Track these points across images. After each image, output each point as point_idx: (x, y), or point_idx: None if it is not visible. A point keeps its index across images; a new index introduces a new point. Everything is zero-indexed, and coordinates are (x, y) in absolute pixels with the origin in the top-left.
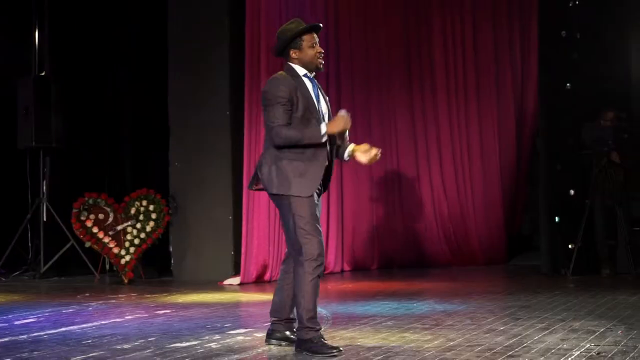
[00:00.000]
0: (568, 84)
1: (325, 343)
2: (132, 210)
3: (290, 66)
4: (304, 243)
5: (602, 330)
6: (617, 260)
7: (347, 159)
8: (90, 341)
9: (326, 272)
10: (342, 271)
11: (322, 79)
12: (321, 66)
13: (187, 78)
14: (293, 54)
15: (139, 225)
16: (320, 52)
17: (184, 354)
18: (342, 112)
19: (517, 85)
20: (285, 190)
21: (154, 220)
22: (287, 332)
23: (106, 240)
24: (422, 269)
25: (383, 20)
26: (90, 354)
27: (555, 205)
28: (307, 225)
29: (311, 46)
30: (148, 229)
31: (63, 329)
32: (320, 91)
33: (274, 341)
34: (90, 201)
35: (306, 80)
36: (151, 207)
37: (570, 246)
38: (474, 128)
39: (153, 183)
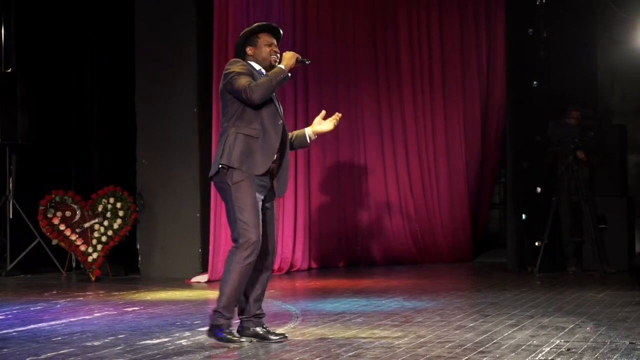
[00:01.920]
0: (535, 82)
1: (233, 332)
2: (99, 208)
3: (247, 62)
4: (241, 231)
5: (571, 326)
6: (583, 257)
7: (310, 139)
8: (59, 338)
9: (293, 269)
10: (310, 269)
11: (290, 79)
12: (275, 63)
13: (155, 75)
14: (249, 50)
15: (106, 223)
16: (275, 51)
17: (155, 350)
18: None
19: (483, 83)
20: (230, 162)
21: (121, 217)
22: (257, 329)
23: (73, 237)
24: (388, 266)
25: (351, 17)
26: (61, 351)
27: (521, 203)
28: (245, 213)
29: (267, 44)
30: (115, 226)
31: (32, 326)
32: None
33: (244, 338)
34: (57, 198)
35: (261, 77)
36: (118, 205)
37: (536, 243)
38: (440, 126)
39: (120, 180)
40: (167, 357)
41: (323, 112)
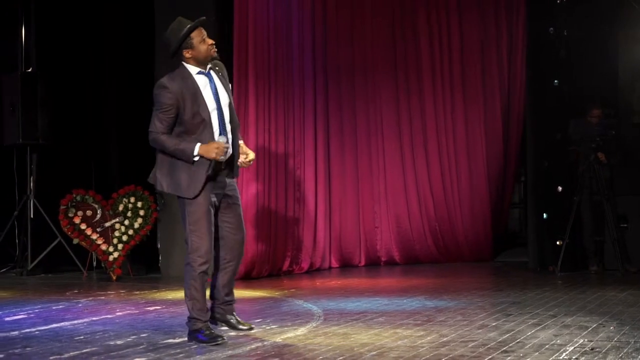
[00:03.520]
0: (555, 81)
1: (213, 332)
2: (120, 207)
3: (184, 66)
4: (192, 240)
5: (594, 326)
6: (604, 256)
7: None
8: (82, 337)
9: (314, 268)
10: (330, 268)
11: (309, 75)
12: (216, 54)
13: None
14: (187, 53)
15: (126, 222)
16: (212, 44)
17: (178, 349)
18: (222, 139)
19: (504, 82)
20: (176, 191)
21: (141, 217)
22: (228, 316)
23: (94, 237)
24: (408, 265)
25: (370, 16)
26: (84, 350)
27: (542, 202)
28: (197, 223)
29: (202, 41)
30: (136, 225)
31: (54, 325)
32: (222, 81)
33: (222, 330)
34: (78, 198)
35: (199, 78)
36: (139, 204)
37: (558, 242)
38: (460, 125)
39: (140, 180)
40: (190, 356)
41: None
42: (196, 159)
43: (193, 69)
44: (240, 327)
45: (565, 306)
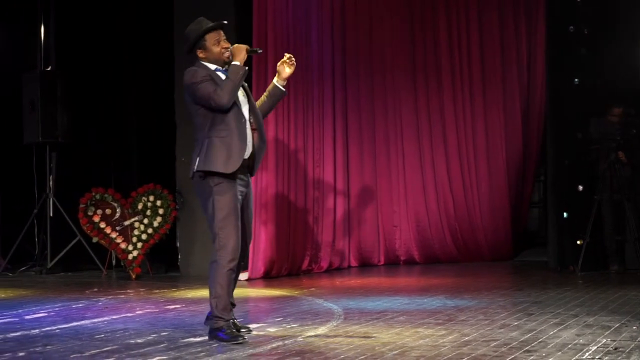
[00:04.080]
0: (576, 80)
1: (234, 331)
2: (140, 206)
3: (201, 63)
4: (220, 236)
5: (617, 325)
6: (625, 256)
7: (283, 88)
8: (102, 336)
9: (333, 267)
10: (349, 267)
11: (328, 74)
12: (229, 59)
13: None
14: (200, 53)
15: (146, 221)
16: (225, 48)
17: (199, 348)
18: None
19: (523, 82)
20: (207, 167)
21: (161, 215)
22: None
23: (113, 235)
24: (427, 265)
25: (389, 16)
26: (104, 348)
27: (563, 201)
28: (225, 219)
29: (215, 43)
30: (155, 224)
31: (74, 323)
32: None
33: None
34: (97, 196)
35: (219, 73)
36: (158, 203)
37: (578, 242)
38: (480, 124)
39: (160, 178)
40: (211, 355)
41: (286, 56)
42: (244, 67)
43: (211, 65)
44: (241, 330)
45: (586, 306)
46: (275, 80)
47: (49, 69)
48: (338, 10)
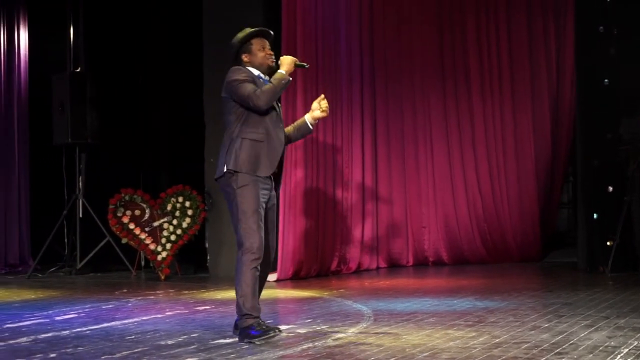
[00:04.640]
0: (606, 80)
1: (264, 327)
2: (169, 207)
3: (246, 68)
4: (244, 235)
5: None
6: None
7: (312, 126)
8: (133, 337)
9: (362, 268)
10: (378, 268)
11: (357, 78)
12: (273, 64)
13: (222, 74)
14: (245, 57)
15: (175, 222)
16: (269, 54)
17: (229, 349)
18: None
19: (552, 82)
20: (236, 167)
21: (190, 216)
22: None
23: (142, 236)
24: (456, 266)
25: (417, 18)
26: (135, 350)
27: (592, 202)
28: (249, 219)
29: (260, 49)
30: (184, 225)
31: (105, 324)
32: None
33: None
34: (127, 197)
35: (262, 80)
36: (187, 204)
37: (608, 243)
38: (509, 125)
39: (189, 179)
40: (241, 357)
41: (321, 96)
42: (289, 77)
43: (254, 71)
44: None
45: (617, 307)
46: (307, 116)
47: (78, 70)
48: (366, 10)
